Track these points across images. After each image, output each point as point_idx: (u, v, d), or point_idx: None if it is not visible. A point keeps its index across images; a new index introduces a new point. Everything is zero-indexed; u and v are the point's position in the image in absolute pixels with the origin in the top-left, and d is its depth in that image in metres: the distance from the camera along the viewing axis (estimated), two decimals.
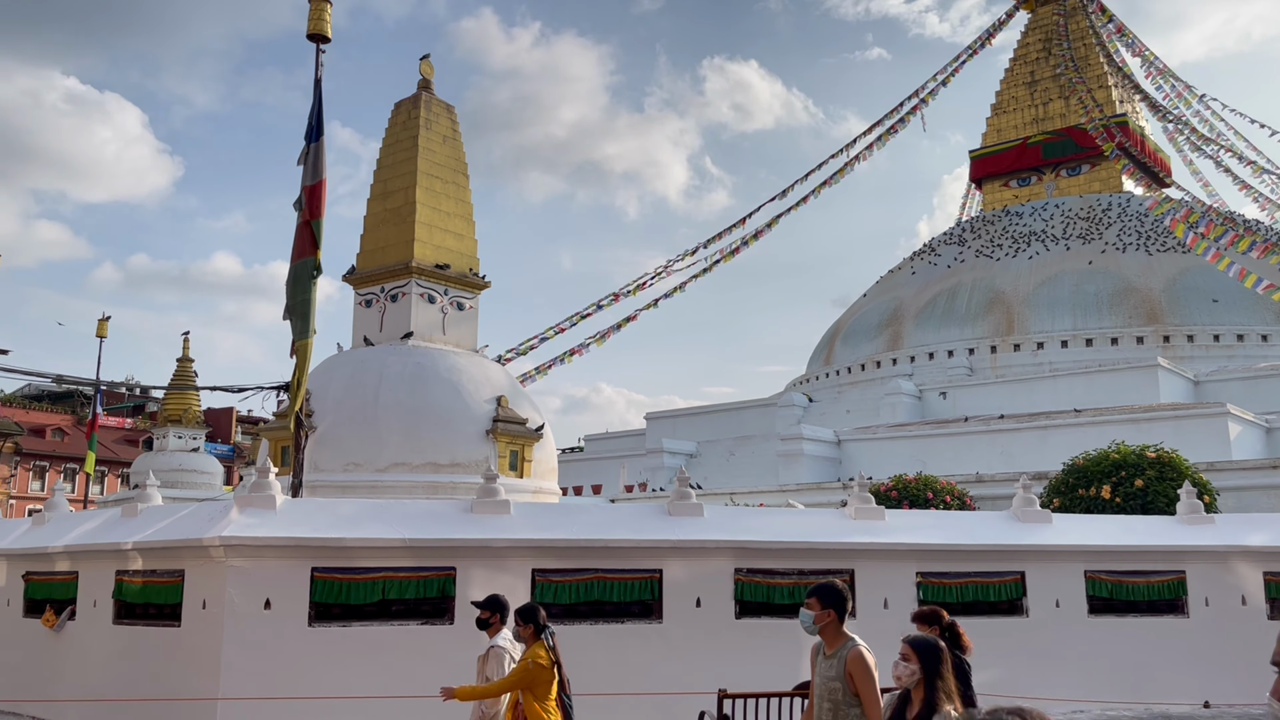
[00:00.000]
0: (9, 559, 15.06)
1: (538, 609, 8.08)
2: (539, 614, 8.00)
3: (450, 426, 19.23)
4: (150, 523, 13.41)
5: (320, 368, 19.85)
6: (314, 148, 14.84)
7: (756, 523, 14.76)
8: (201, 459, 37.81)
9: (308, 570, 12.07)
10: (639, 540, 13.33)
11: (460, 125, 23.00)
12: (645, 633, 13.12)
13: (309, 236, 14.72)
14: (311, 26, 15.15)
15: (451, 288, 21.55)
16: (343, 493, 17.58)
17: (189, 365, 38.49)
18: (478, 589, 12.67)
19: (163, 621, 12.58)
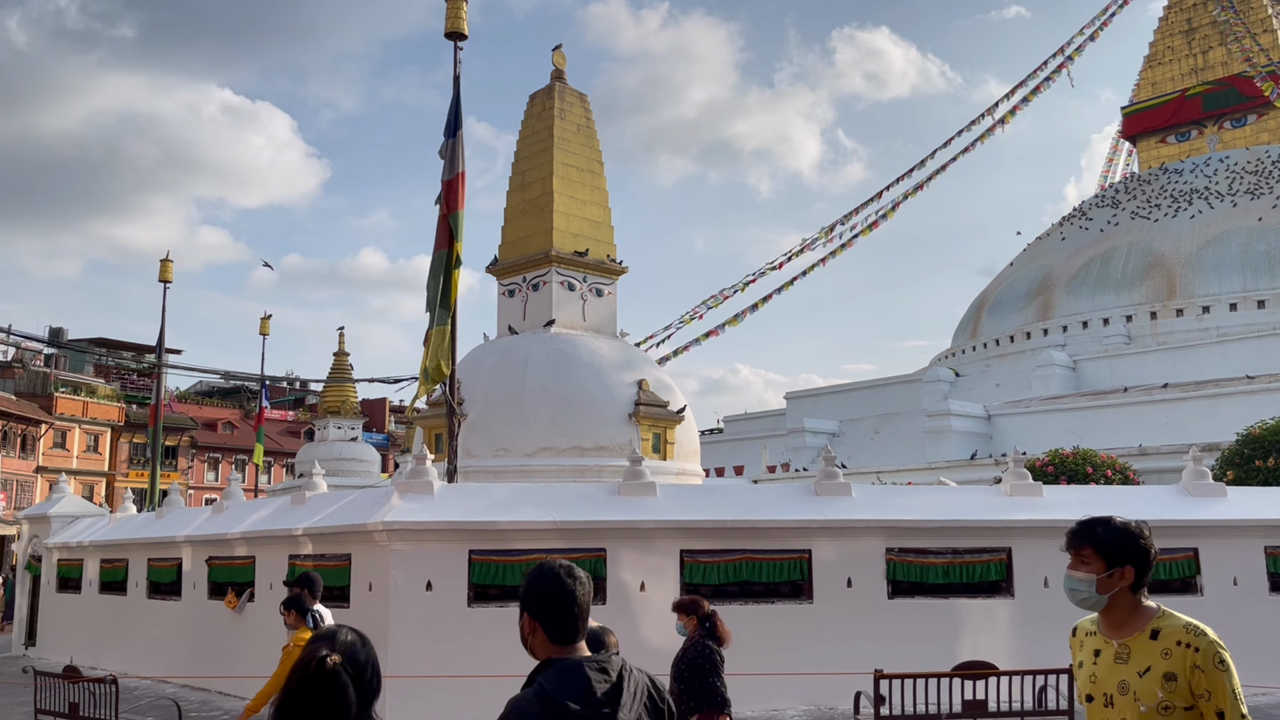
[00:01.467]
0: (193, 545, 16.12)
1: (303, 594, 7.70)
2: (304, 599, 7.67)
3: (594, 411, 19.54)
4: (318, 509, 14.12)
5: (468, 357, 20.46)
6: (451, 143, 15.26)
7: (907, 501, 14.47)
8: (360, 448, 39.52)
9: (465, 553, 12.50)
10: (787, 521, 13.25)
11: (593, 112, 23.25)
12: (796, 613, 13.05)
13: (447, 229, 15.17)
14: (449, 25, 15.56)
15: (590, 274, 21.85)
16: (493, 477, 18.10)
17: (345, 359, 40.25)
18: (628, 570, 12.89)
19: (332, 603, 13.18)
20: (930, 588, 13.33)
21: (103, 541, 18.79)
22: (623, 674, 3.00)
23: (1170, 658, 3.32)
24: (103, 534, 19.19)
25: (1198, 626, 3.37)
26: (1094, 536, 3.53)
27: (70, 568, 19.71)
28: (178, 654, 15.88)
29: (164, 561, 16.80)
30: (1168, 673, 3.31)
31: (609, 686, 2.95)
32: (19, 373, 58.63)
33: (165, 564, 16.74)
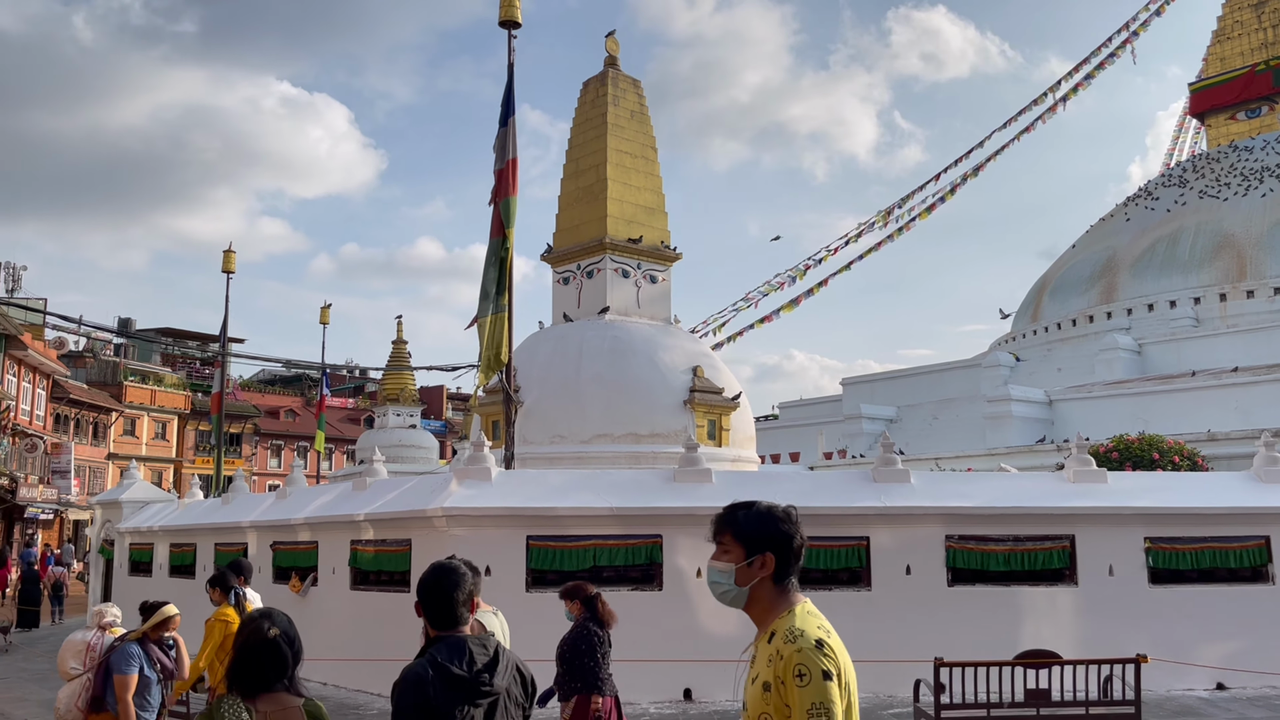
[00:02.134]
0: (258, 530, 16.47)
1: (228, 573, 8.33)
2: (229, 577, 8.22)
3: (649, 398, 19.56)
4: (378, 495, 14.34)
5: (524, 345, 20.59)
6: (503, 131, 15.35)
7: (967, 488, 14.28)
8: (419, 435, 40.07)
9: (523, 538, 12.61)
10: (845, 507, 13.17)
11: (646, 97, 23.20)
12: (854, 600, 12.97)
13: (499, 217, 15.27)
14: (503, 14, 15.62)
15: (644, 261, 21.85)
16: (550, 464, 18.23)
17: (403, 347, 40.81)
18: (684, 556, 12.91)
19: (394, 587, 13.45)
20: (991, 575, 13.16)
21: (172, 526, 19.28)
22: (498, 651, 3.72)
23: (771, 665, 2.88)
24: (172, 519, 19.69)
25: (797, 630, 2.87)
26: (734, 522, 3.08)
27: (141, 551, 20.26)
28: None
29: (230, 546, 17.18)
30: (766, 682, 2.88)
31: (488, 659, 3.67)
32: (90, 362, 60.31)
33: (232, 548, 17.11)
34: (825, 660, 2.80)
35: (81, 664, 7.02)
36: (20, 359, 46.54)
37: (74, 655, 7.10)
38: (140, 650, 6.88)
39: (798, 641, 2.83)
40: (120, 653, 6.79)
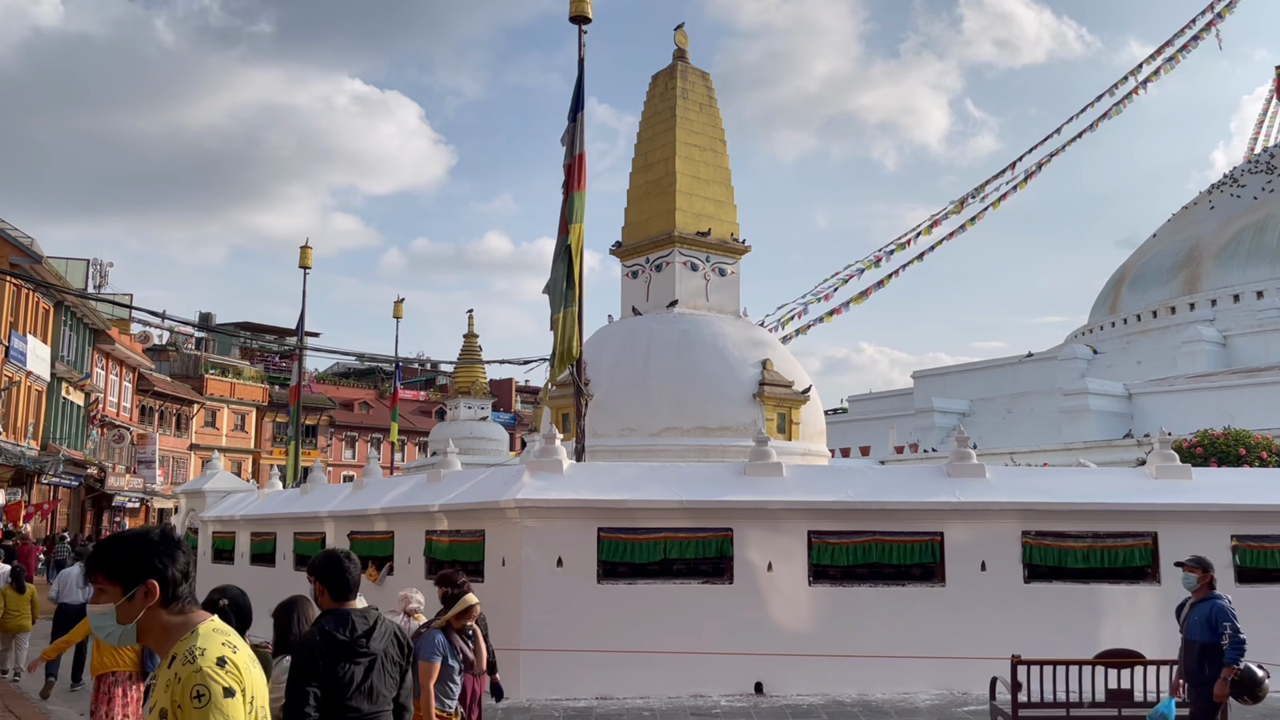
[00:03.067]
0: (336, 520, 16.85)
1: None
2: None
3: (717, 391, 19.53)
4: (452, 487, 14.57)
5: (593, 338, 20.69)
6: (571, 126, 15.43)
7: (1044, 483, 14.01)
8: (490, 427, 40.59)
9: (594, 530, 12.71)
10: (918, 502, 13.02)
11: (715, 90, 23.12)
12: (927, 596, 12.83)
13: (566, 212, 15.38)
14: (573, 9, 15.69)
15: (713, 254, 21.80)
16: (619, 456, 18.32)
17: (474, 340, 41.36)
18: (755, 550, 12.89)
19: (468, 577, 13.64)
20: (1069, 572, 12.91)
21: (252, 515, 19.82)
22: (377, 620, 4.61)
23: (169, 689, 2.69)
24: (252, 508, 20.24)
25: (198, 649, 2.70)
26: (102, 561, 2.90)
27: (224, 540, 20.87)
28: None
29: (309, 535, 17.61)
30: (163, 709, 2.68)
31: (367, 627, 4.56)
32: (173, 356, 62.17)
33: (310, 538, 17.54)
34: (226, 677, 2.67)
35: None
36: (108, 353, 48.18)
37: None
38: (444, 639, 6.88)
39: (197, 661, 2.68)
40: (426, 640, 6.76)
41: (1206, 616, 7.81)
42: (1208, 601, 7.91)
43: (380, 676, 4.54)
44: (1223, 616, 7.72)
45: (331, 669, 4.41)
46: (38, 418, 38.38)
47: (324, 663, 4.42)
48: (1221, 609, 7.79)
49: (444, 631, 6.94)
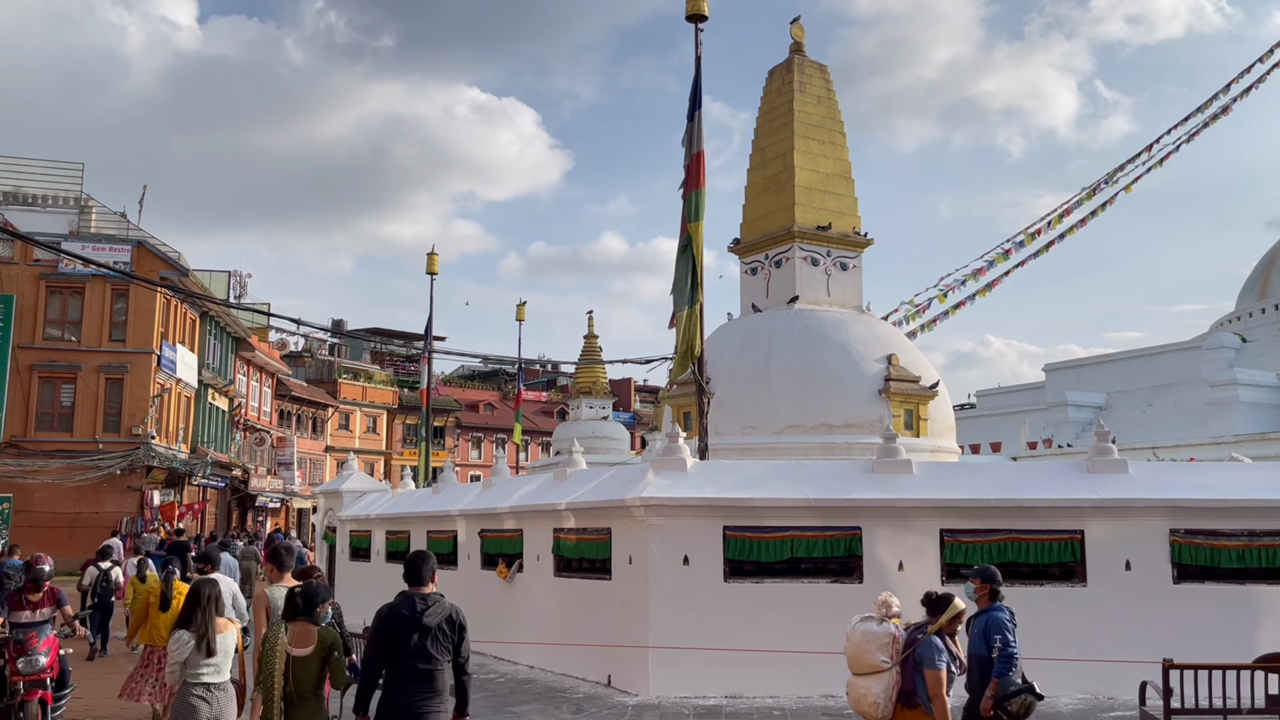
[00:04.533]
0: (467, 518, 17.27)
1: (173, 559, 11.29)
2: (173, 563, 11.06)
3: (841, 387, 19.24)
4: (578, 485, 14.76)
5: (713, 336, 20.66)
6: (693, 123, 15.42)
7: (1193, 479, 13.33)
8: (611, 426, 41.02)
9: (720, 528, 12.68)
10: (1056, 500, 12.56)
11: (832, 81, 22.80)
12: (1068, 596, 12.37)
13: (687, 211, 15.37)
14: (690, 8, 15.69)
15: (834, 248, 21.50)
16: (741, 455, 18.24)
17: (594, 341, 41.83)
18: (885, 549, 12.65)
19: (595, 575, 13.82)
20: (1222, 573, 12.26)
21: (387, 515, 20.48)
22: (431, 599, 6.04)
23: None
24: (387, 508, 20.92)
25: None
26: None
27: (360, 538, 21.63)
28: None
29: (441, 534, 18.10)
30: None
31: (425, 607, 5.98)
32: (308, 361, 64.81)
33: (442, 536, 18.03)
34: None
35: (889, 656, 6.92)
36: (249, 359, 50.57)
37: (880, 648, 6.98)
38: (941, 644, 6.80)
39: None
40: (928, 645, 6.75)
41: (983, 629, 7.53)
42: (985, 613, 7.60)
43: (433, 642, 5.96)
44: (995, 629, 7.44)
45: (394, 634, 5.94)
46: (187, 423, 40.55)
47: (389, 629, 5.97)
48: (996, 621, 7.49)
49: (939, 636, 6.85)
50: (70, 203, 37.56)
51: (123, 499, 34.39)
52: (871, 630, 7.02)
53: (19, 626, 9.66)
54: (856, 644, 7.04)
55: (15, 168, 37.54)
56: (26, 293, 34.66)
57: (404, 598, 6.07)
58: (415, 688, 5.92)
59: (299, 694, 6.30)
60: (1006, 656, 7.31)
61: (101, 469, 34.12)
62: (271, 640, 6.34)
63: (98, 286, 35.30)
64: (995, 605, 7.58)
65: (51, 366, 34.78)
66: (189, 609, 6.85)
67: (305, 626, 6.40)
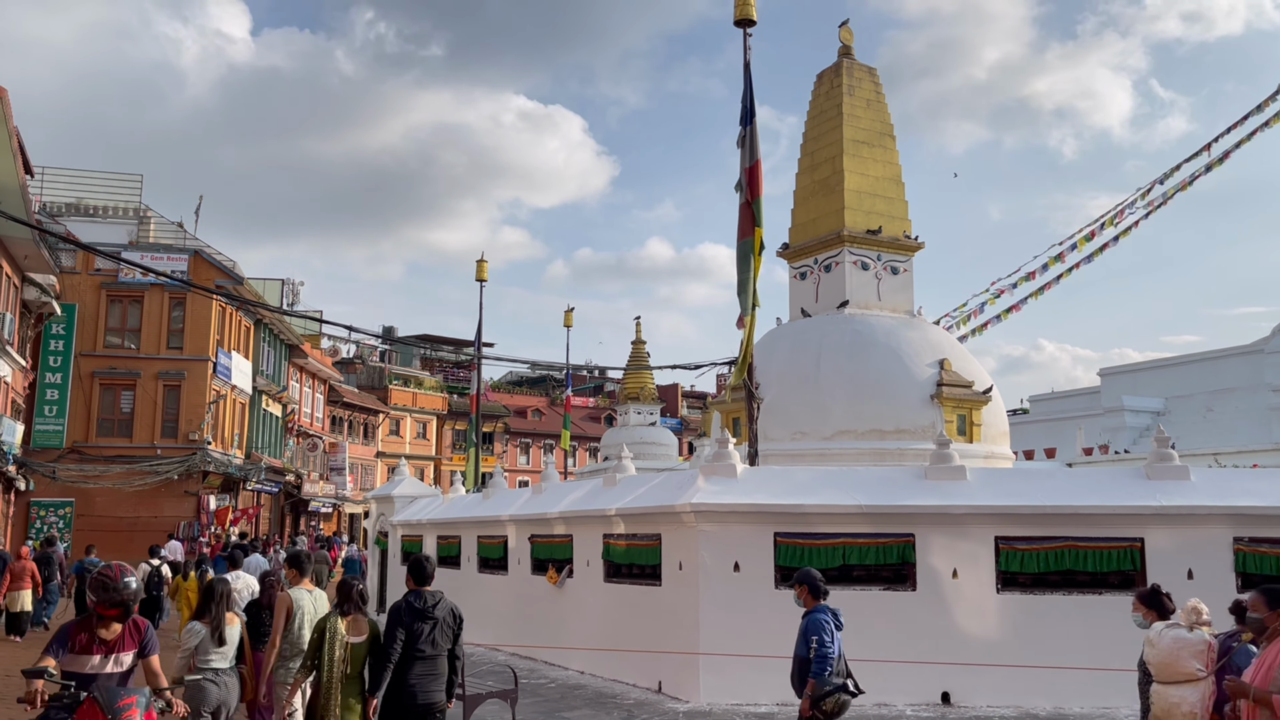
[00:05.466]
0: (517, 524, 17.35)
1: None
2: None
3: (892, 393, 19.06)
4: (628, 491, 14.76)
5: (762, 341, 20.57)
6: (749, 130, 15.36)
7: (1258, 485, 13.01)
8: (659, 432, 40.97)
9: (770, 535, 12.61)
10: (1114, 506, 12.32)
11: (881, 84, 22.63)
12: (1127, 605, 12.02)
13: (750, 216, 15.30)
14: (739, 13, 15.66)
15: (884, 252, 21.32)
16: (791, 461, 18.13)
17: (642, 347, 41.83)
18: (938, 556, 12.50)
19: (645, 580, 13.81)
20: None
21: (438, 520, 20.65)
22: (436, 595, 7.16)
23: None
24: (438, 513, 21.10)
25: None
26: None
27: (412, 543, 21.83)
28: (506, 625, 17.18)
29: (491, 539, 18.21)
30: None
31: (435, 601, 7.10)
32: (359, 368, 65.63)
33: (493, 541, 18.14)
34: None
35: (1204, 665, 6.77)
36: (302, 366, 51.32)
37: (1195, 655, 6.83)
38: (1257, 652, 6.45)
39: None
40: (1243, 654, 6.51)
41: (803, 630, 7.79)
42: (808, 615, 7.85)
43: (440, 632, 7.07)
44: (813, 630, 7.70)
45: (410, 624, 6.98)
46: (242, 428, 41.25)
47: (406, 619, 6.99)
48: (815, 623, 7.74)
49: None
50: (130, 213, 38.43)
51: (180, 503, 35.07)
52: (1183, 637, 6.84)
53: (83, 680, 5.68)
54: (1166, 651, 6.86)
55: (77, 179, 38.51)
56: (88, 301, 35.50)
57: (414, 594, 7.13)
58: (425, 669, 6.98)
59: (353, 674, 7.09)
60: (822, 657, 7.55)
61: (160, 474, 34.83)
62: (332, 631, 7.09)
63: (156, 295, 36.06)
64: (818, 607, 7.83)
65: (112, 374, 35.58)
66: (204, 603, 7.76)
67: (358, 618, 7.23)
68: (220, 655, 7.62)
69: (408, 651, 6.92)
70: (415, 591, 7.14)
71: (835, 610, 7.85)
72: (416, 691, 6.93)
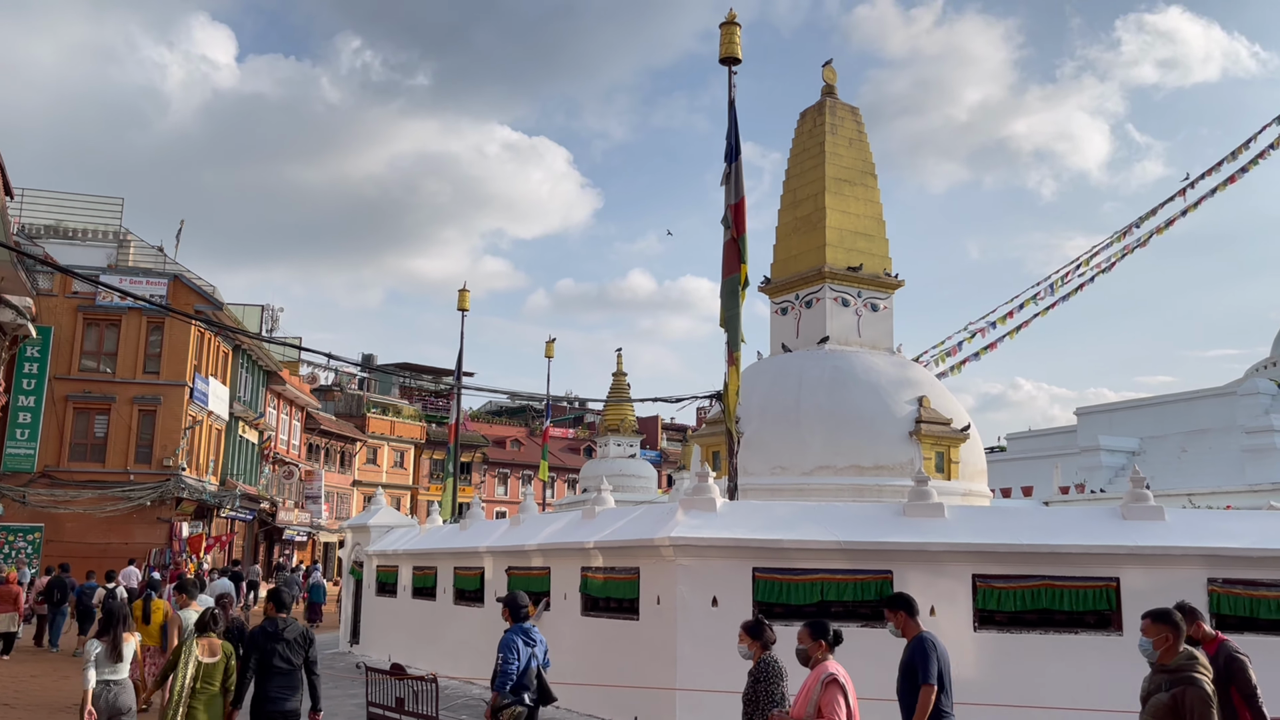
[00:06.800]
0: (494, 555, 17.23)
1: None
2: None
3: (871, 429, 19.14)
4: (606, 524, 14.70)
5: (743, 376, 20.55)
6: (734, 167, 15.49)
7: (1231, 526, 13.11)
8: (639, 464, 40.92)
9: (749, 570, 12.58)
10: (1091, 546, 12.38)
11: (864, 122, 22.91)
12: (1103, 645, 12.15)
13: (736, 252, 15.39)
14: (723, 51, 15.84)
15: (865, 289, 21.49)
16: (771, 495, 18.13)
17: (623, 379, 41.86)
18: (917, 593, 12.43)
19: (622, 614, 13.72)
20: (1262, 624, 12.00)
21: (414, 550, 20.47)
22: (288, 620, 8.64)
23: None
24: (414, 543, 20.92)
25: None
26: None
27: (387, 573, 21.62)
28: (482, 658, 16.97)
29: (468, 570, 18.06)
30: None
31: (285, 625, 8.58)
32: (338, 396, 65.27)
33: (469, 572, 17.99)
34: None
35: None
36: (280, 393, 51.00)
37: None
38: None
39: None
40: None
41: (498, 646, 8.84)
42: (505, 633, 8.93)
43: (292, 650, 8.48)
44: (500, 647, 8.70)
45: (264, 645, 8.44)
46: (218, 455, 40.87)
47: (260, 641, 8.46)
48: (504, 640, 8.76)
49: None
50: (110, 237, 38.24)
51: (152, 530, 34.63)
52: None
53: None
54: None
55: (58, 202, 38.32)
56: (64, 325, 35.21)
57: (270, 620, 8.60)
58: (282, 682, 8.38)
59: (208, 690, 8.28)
60: (504, 672, 8.55)
61: (132, 500, 34.42)
62: (188, 651, 8.33)
63: (134, 319, 35.81)
64: (513, 627, 8.79)
65: (86, 398, 35.23)
66: (106, 624, 9.02)
67: (213, 640, 8.48)
68: (115, 669, 8.93)
69: (267, 667, 8.37)
70: (270, 619, 8.61)
71: (529, 629, 8.85)
72: (275, 699, 8.38)
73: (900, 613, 7.95)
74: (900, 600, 8.09)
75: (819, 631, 7.03)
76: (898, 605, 8.08)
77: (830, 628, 7.15)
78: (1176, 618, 6.78)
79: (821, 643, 7.01)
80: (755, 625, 7.90)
